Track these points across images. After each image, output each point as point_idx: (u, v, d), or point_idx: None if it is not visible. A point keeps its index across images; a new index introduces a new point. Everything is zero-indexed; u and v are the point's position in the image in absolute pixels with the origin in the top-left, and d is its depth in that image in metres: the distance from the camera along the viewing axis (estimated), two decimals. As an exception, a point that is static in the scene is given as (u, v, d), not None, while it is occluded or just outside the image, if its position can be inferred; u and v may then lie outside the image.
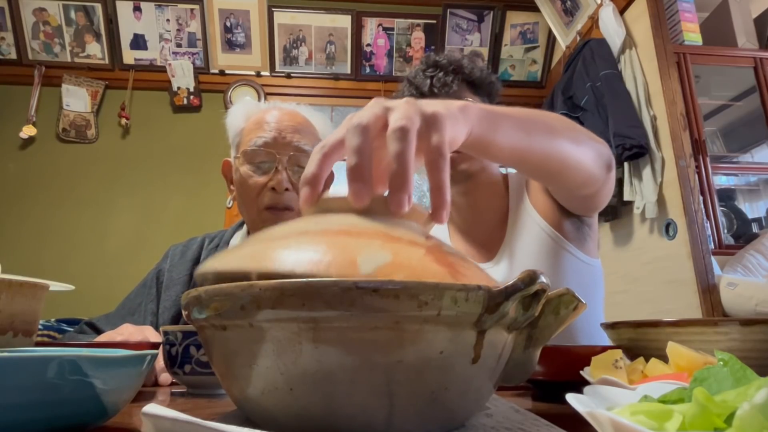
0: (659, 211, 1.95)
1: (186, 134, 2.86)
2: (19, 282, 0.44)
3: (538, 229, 0.89)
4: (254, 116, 0.93)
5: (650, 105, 2.04)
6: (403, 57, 3.02)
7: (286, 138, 0.89)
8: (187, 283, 0.94)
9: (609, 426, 0.19)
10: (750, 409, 0.17)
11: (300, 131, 0.91)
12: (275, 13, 2.87)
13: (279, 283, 0.25)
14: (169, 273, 0.96)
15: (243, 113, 0.95)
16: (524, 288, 0.27)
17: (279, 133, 0.89)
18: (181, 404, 0.45)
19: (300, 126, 0.92)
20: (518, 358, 0.33)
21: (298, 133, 0.90)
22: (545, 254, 0.88)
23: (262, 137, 0.88)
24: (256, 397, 0.27)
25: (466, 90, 0.94)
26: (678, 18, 2.13)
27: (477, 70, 0.95)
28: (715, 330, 0.42)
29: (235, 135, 0.95)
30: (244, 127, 0.93)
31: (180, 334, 0.52)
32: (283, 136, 0.89)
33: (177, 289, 0.93)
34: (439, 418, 0.28)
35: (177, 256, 0.99)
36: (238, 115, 0.96)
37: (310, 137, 0.92)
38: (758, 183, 2.39)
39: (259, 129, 0.89)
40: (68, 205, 2.71)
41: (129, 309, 0.95)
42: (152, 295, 0.95)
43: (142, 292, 0.97)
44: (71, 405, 0.28)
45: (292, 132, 0.90)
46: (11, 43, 2.76)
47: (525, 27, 2.97)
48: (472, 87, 0.95)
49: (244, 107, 0.97)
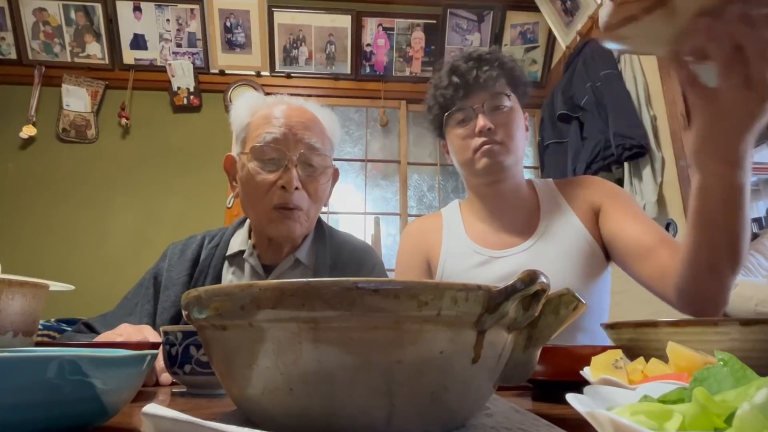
0: (659, 211, 1.95)
1: (186, 134, 2.86)
2: (19, 282, 0.44)
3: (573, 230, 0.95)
4: (261, 111, 0.89)
5: (650, 105, 2.04)
6: (403, 57, 3.02)
7: (297, 135, 0.85)
8: (186, 283, 0.91)
9: (609, 426, 0.19)
10: (750, 409, 0.17)
11: (310, 128, 0.88)
12: (275, 13, 2.87)
13: (279, 283, 0.25)
14: (167, 273, 0.93)
15: (248, 107, 0.91)
16: (524, 288, 0.27)
17: (289, 129, 0.85)
18: (181, 404, 0.45)
19: (310, 122, 0.88)
20: (518, 358, 0.32)
21: (309, 129, 0.87)
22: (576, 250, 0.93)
23: (271, 133, 0.84)
24: (256, 397, 0.27)
25: (506, 87, 0.97)
26: (678, 18, 2.13)
27: (518, 69, 0.99)
28: (715, 330, 0.42)
29: (241, 130, 0.90)
30: (250, 122, 0.89)
31: (180, 334, 0.52)
32: (294, 132, 0.85)
33: (176, 289, 0.90)
34: (439, 418, 0.28)
35: (176, 256, 0.95)
36: (243, 109, 0.92)
37: (320, 134, 0.89)
38: (758, 183, 2.39)
39: (268, 124, 0.86)
40: (68, 205, 2.71)
41: (126, 309, 0.91)
42: (149, 296, 0.91)
43: (138, 292, 0.93)
44: (71, 405, 0.28)
45: (303, 129, 0.86)
46: (11, 43, 2.76)
47: (525, 27, 2.97)
48: (513, 85, 0.98)
49: (249, 101, 0.93)
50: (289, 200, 0.84)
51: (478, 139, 0.93)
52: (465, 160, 0.97)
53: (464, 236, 1.03)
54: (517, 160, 0.97)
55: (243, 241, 0.94)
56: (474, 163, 0.95)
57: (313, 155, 0.86)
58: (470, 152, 0.95)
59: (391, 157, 3.06)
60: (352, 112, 3.09)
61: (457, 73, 0.95)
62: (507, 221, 1.01)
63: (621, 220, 0.91)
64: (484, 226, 1.03)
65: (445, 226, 1.07)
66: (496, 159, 0.93)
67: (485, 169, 0.94)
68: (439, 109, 0.99)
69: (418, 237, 1.09)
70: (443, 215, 1.11)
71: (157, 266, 0.96)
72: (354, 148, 3.06)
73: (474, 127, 0.93)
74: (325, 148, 0.89)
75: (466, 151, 0.96)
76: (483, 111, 0.94)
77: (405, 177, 3.01)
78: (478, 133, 0.93)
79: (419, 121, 3.14)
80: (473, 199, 1.06)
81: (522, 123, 0.98)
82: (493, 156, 0.93)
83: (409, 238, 1.10)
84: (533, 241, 0.97)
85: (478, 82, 0.94)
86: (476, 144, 0.94)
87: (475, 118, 0.94)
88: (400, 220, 2.95)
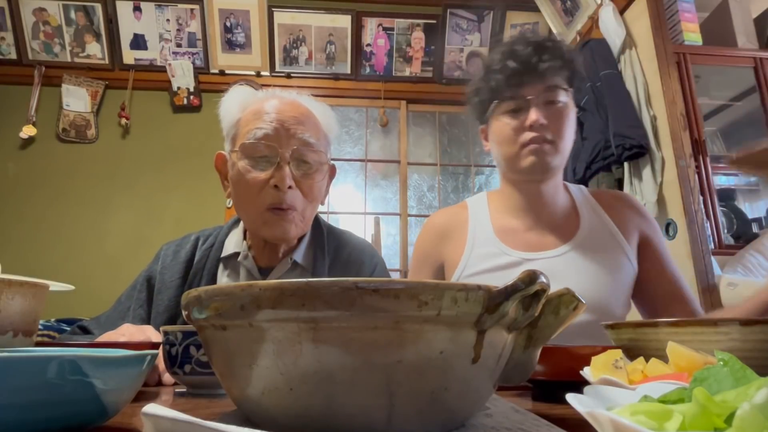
0: (659, 211, 1.95)
1: (186, 134, 2.86)
2: (19, 282, 0.44)
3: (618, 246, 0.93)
4: (252, 106, 0.84)
5: (650, 105, 2.04)
6: (403, 57, 3.02)
7: (290, 130, 0.80)
8: (180, 286, 0.87)
9: (609, 426, 0.19)
10: (750, 409, 0.17)
11: (303, 122, 0.82)
12: (275, 13, 2.87)
13: (279, 283, 0.25)
14: (161, 276, 0.89)
15: (238, 102, 0.86)
16: (524, 288, 0.27)
17: (281, 124, 0.80)
18: (181, 404, 0.45)
19: (303, 117, 0.83)
20: (518, 358, 0.32)
21: (302, 124, 0.82)
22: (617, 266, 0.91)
23: (262, 129, 0.79)
24: (256, 397, 0.27)
25: (564, 81, 0.91)
26: (678, 18, 2.13)
27: (579, 63, 0.93)
28: (715, 330, 0.42)
29: (231, 126, 0.86)
30: (240, 118, 0.84)
31: (180, 334, 0.52)
32: (286, 127, 0.80)
33: (169, 293, 0.86)
34: (439, 418, 0.28)
35: (169, 257, 0.91)
36: (233, 104, 0.86)
37: (314, 129, 0.84)
38: (758, 183, 2.39)
39: (258, 120, 0.81)
40: (68, 205, 2.71)
41: (119, 313, 0.88)
42: (141, 300, 0.87)
43: (131, 295, 0.90)
44: (71, 405, 0.28)
45: (295, 123, 0.81)
46: (11, 43, 2.76)
47: (525, 27, 2.97)
48: (571, 80, 0.92)
49: (238, 95, 0.88)
50: (282, 200, 0.79)
51: (528, 134, 0.87)
52: (509, 154, 0.90)
53: (492, 235, 0.96)
54: (563, 160, 0.91)
55: (238, 242, 0.90)
56: (519, 158, 0.89)
57: (307, 151, 0.82)
58: (517, 147, 0.89)
59: (391, 157, 3.06)
60: (352, 112, 3.09)
61: (515, 58, 0.87)
62: (542, 221, 0.95)
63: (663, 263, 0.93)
64: (515, 223, 0.97)
65: (471, 219, 1.00)
66: (543, 159, 0.87)
67: (530, 168, 0.89)
68: (489, 93, 0.92)
69: (439, 236, 1.01)
70: (469, 208, 1.03)
71: (150, 268, 0.92)
72: (354, 148, 3.06)
73: (524, 120, 0.87)
74: (320, 143, 0.84)
75: (512, 144, 0.89)
76: (537, 103, 0.87)
77: (405, 177, 3.01)
78: (528, 126, 0.87)
79: (419, 121, 3.15)
80: (507, 192, 0.99)
81: (574, 121, 0.91)
82: (541, 156, 0.87)
83: (430, 234, 1.02)
84: (569, 248, 0.92)
85: (536, 70, 0.86)
86: (525, 139, 0.88)
87: (527, 110, 0.87)
88: (400, 220, 2.95)
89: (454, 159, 3.12)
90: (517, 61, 0.87)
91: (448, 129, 3.16)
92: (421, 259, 1.02)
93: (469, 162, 3.11)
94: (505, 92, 0.89)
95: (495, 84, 0.90)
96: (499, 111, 0.91)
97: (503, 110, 0.90)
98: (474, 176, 3.10)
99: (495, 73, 0.90)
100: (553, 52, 0.88)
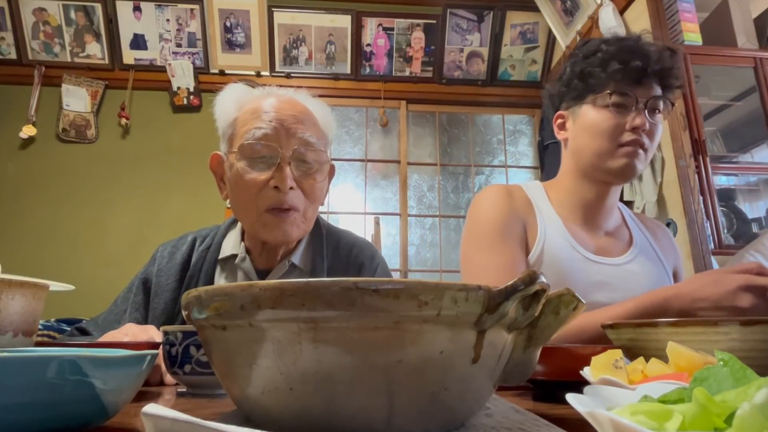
0: (659, 211, 1.95)
1: (186, 134, 2.86)
2: (19, 282, 0.44)
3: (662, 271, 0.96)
4: (249, 104, 0.82)
5: (650, 105, 2.04)
6: (403, 57, 3.02)
7: (290, 129, 0.78)
8: (176, 289, 0.85)
9: (609, 426, 0.19)
10: (750, 409, 0.17)
11: (303, 121, 0.80)
12: (275, 13, 2.87)
13: (279, 283, 0.25)
14: (157, 278, 0.87)
15: (234, 101, 0.84)
16: (524, 288, 0.27)
17: (281, 123, 0.78)
18: (181, 404, 0.45)
19: (302, 115, 0.81)
20: (518, 358, 0.32)
21: (302, 123, 0.79)
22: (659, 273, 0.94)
23: (261, 129, 0.77)
24: (256, 397, 0.27)
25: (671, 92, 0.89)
26: (678, 18, 2.12)
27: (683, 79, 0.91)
28: (715, 330, 0.42)
29: (227, 126, 0.83)
30: (237, 117, 0.82)
31: (180, 334, 0.52)
32: (286, 127, 0.78)
33: (166, 296, 0.84)
34: (439, 418, 0.28)
35: (165, 259, 0.89)
36: (229, 103, 0.84)
37: (314, 128, 0.82)
38: (758, 183, 2.39)
39: (257, 119, 0.78)
40: (68, 205, 2.71)
41: (116, 315, 0.86)
42: (137, 303, 0.86)
43: (127, 298, 0.88)
44: (71, 405, 0.28)
45: (295, 122, 0.79)
46: (11, 43, 2.76)
47: (525, 27, 2.97)
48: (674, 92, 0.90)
49: (234, 94, 0.85)
50: (283, 201, 0.77)
51: (629, 134, 0.85)
52: (602, 150, 0.87)
53: (561, 227, 0.92)
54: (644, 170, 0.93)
55: (235, 243, 0.88)
56: (611, 157, 0.87)
57: (307, 151, 0.79)
58: (613, 144, 0.86)
59: (391, 157, 3.06)
60: (352, 112, 3.09)
61: (638, 54, 0.85)
62: (602, 226, 0.96)
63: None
64: (580, 221, 0.95)
65: (534, 203, 0.95)
66: (635, 164, 0.86)
67: (620, 169, 0.86)
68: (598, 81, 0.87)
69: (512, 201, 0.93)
70: (527, 192, 0.97)
71: (146, 270, 0.90)
72: (354, 148, 3.06)
73: (630, 119, 0.85)
74: (320, 142, 0.82)
75: (609, 140, 0.86)
76: (646, 107, 0.85)
77: (405, 177, 3.01)
78: (631, 128, 0.85)
79: (419, 121, 3.15)
80: (571, 187, 0.95)
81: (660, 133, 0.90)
82: (634, 160, 0.86)
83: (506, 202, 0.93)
84: (629, 258, 0.93)
85: (655, 74, 0.85)
86: (625, 139, 0.85)
87: (633, 111, 0.85)
88: (400, 220, 2.95)
89: (454, 159, 3.12)
90: (640, 57, 0.85)
91: (448, 129, 3.16)
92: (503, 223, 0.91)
93: (469, 162, 3.11)
94: (621, 86, 0.86)
95: (605, 75, 0.86)
96: (601, 102, 0.88)
97: (607, 103, 0.87)
98: (474, 176, 3.10)
99: (613, 63, 0.86)
100: (672, 61, 0.87)
